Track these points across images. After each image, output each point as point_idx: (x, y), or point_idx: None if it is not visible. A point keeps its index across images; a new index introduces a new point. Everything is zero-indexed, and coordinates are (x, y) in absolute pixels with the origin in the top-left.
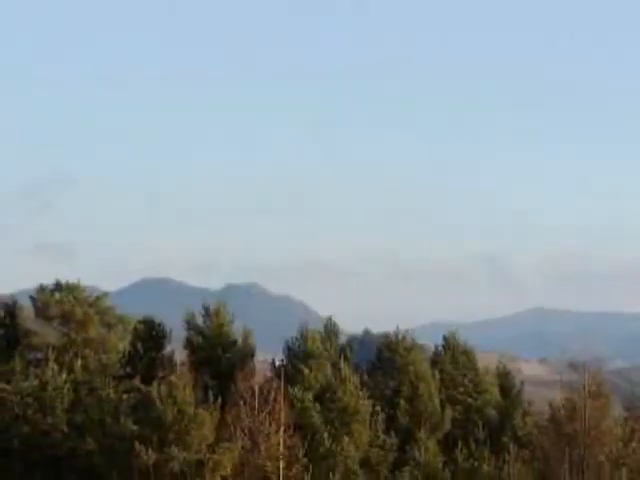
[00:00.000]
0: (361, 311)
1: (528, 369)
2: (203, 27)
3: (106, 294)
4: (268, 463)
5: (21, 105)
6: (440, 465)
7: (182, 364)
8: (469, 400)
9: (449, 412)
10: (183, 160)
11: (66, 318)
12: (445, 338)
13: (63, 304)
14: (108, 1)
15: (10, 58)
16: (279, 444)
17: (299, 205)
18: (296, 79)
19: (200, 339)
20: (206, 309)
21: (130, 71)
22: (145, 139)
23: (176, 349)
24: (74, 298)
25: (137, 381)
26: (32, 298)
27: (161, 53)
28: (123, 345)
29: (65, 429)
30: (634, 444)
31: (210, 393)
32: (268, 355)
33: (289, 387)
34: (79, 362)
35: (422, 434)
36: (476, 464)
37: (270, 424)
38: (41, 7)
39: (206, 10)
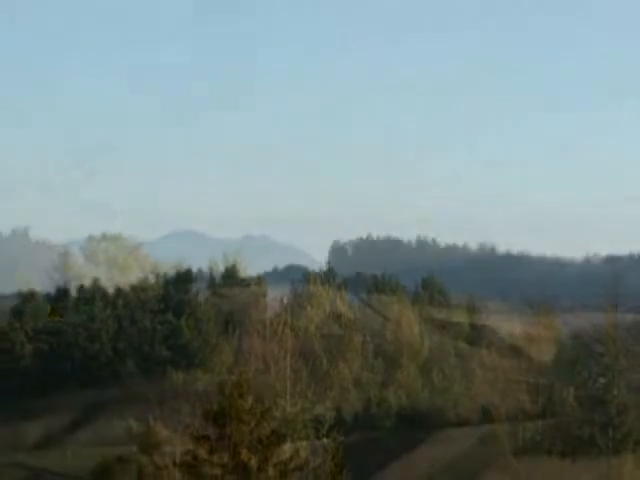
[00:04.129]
0: (353, 258)
1: (492, 306)
2: None
3: (143, 244)
4: (277, 383)
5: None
6: (420, 386)
7: (206, 302)
8: (443, 332)
9: (427, 342)
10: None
11: (110, 264)
12: (424, 280)
13: (108, 252)
14: None
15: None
16: (286, 367)
17: (303, 169)
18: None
19: (221, 281)
20: (226, 257)
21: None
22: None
23: (201, 289)
24: (117, 247)
25: (169, 315)
26: (82, 247)
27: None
28: (158, 285)
29: (110, 354)
30: (578, 367)
31: (229, 325)
32: (277, 294)
33: (294, 320)
34: (121, 299)
35: (405, 360)
36: (449, 385)
37: (279, 351)
38: None
39: None
